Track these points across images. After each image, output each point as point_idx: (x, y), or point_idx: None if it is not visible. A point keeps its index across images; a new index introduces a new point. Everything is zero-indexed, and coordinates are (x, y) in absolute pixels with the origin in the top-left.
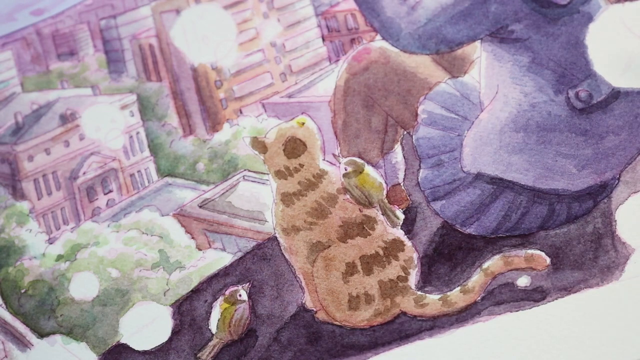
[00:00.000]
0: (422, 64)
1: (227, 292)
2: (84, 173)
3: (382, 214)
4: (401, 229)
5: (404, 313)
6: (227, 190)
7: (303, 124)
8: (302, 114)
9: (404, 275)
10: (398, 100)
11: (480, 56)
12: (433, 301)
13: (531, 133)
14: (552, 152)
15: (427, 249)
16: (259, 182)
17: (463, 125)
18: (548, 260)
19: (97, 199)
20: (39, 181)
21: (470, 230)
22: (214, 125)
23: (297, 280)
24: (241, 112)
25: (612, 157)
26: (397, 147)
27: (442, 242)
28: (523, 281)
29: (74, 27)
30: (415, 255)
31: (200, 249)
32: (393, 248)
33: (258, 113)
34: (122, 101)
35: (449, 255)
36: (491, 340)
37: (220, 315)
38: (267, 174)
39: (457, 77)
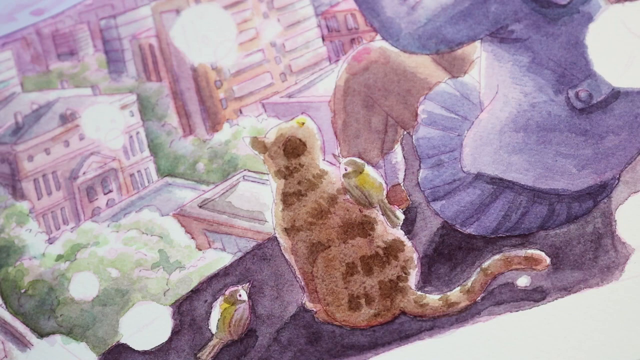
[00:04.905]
0: (422, 64)
1: (227, 292)
2: (84, 173)
3: (382, 214)
4: (401, 229)
5: (404, 313)
6: (227, 190)
7: (303, 124)
8: (302, 114)
9: (404, 275)
10: (398, 100)
11: (480, 56)
12: (433, 301)
13: (531, 133)
14: (552, 152)
15: (427, 249)
16: (259, 182)
17: (463, 125)
18: (548, 260)
19: (97, 199)
20: (38, 181)
21: (470, 230)
22: (214, 125)
23: (297, 281)
24: (241, 112)
25: (612, 157)
26: (397, 147)
27: (442, 242)
28: (523, 281)
29: (74, 27)
30: (415, 256)
31: (200, 249)
32: (393, 248)
33: (258, 113)
34: (122, 101)
35: (449, 255)
36: (491, 340)
37: (220, 315)
38: (267, 174)
39: (457, 77)
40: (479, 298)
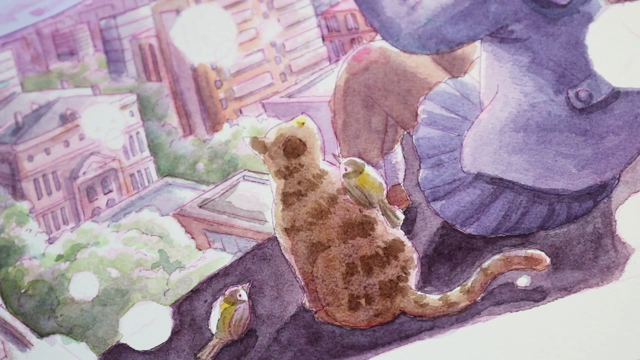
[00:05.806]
0: (422, 64)
1: (227, 292)
2: (84, 173)
3: (382, 214)
4: (401, 229)
5: (404, 313)
6: (227, 190)
7: (303, 124)
8: (302, 114)
9: (404, 275)
10: (398, 100)
11: (480, 56)
12: (433, 301)
13: (531, 133)
14: (552, 152)
15: (427, 249)
16: (259, 182)
17: (463, 125)
18: (548, 260)
19: (97, 199)
20: (38, 181)
21: (470, 230)
22: (214, 125)
23: (297, 281)
24: (241, 112)
25: (612, 157)
26: (397, 147)
27: (442, 242)
28: (523, 281)
29: (74, 27)
30: (415, 256)
31: (200, 249)
32: (393, 248)
33: (258, 113)
34: (122, 101)
35: (449, 255)
36: (491, 340)
37: (220, 315)
38: (267, 174)
39: (457, 77)
40: (479, 298)
